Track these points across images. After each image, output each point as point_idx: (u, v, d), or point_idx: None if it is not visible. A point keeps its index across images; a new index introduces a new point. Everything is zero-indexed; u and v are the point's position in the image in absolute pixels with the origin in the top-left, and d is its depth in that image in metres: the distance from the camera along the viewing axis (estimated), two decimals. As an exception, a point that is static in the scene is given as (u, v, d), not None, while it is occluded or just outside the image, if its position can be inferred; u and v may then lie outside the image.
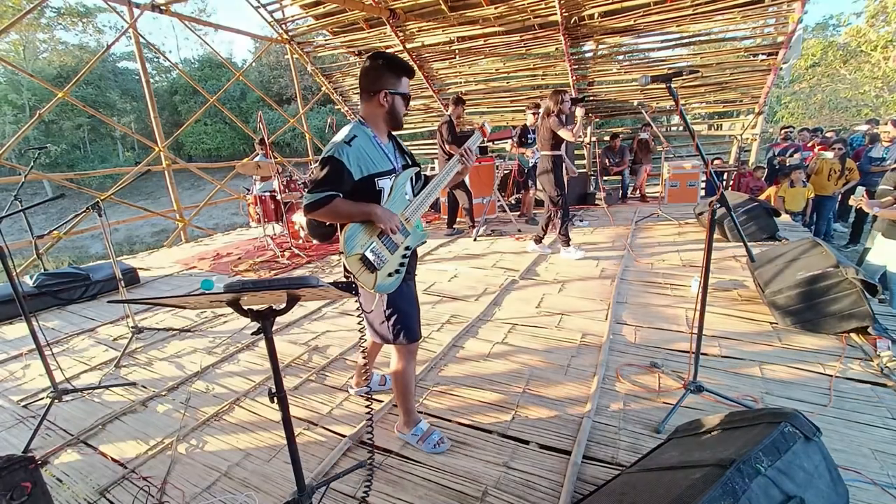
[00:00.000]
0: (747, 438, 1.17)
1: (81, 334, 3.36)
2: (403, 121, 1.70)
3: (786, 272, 2.81)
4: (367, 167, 1.58)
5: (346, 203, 1.54)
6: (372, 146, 1.62)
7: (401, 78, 1.63)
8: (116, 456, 1.96)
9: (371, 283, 1.58)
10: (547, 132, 4.13)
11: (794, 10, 5.79)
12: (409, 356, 1.82)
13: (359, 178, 1.56)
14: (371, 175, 1.58)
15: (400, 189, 1.66)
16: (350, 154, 1.54)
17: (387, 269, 1.61)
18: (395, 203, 1.65)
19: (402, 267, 1.66)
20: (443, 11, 7.19)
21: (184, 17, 7.19)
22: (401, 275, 1.66)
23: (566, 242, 4.39)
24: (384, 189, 1.62)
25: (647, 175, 7.60)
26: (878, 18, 15.02)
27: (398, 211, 1.64)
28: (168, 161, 6.70)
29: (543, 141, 4.21)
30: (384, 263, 1.60)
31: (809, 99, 19.01)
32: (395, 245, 1.63)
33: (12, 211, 2.64)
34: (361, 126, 1.64)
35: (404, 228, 1.65)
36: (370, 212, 1.55)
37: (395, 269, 1.64)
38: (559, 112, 4.01)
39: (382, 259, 1.60)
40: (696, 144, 1.98)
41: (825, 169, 6.18)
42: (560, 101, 3.99)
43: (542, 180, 4.36)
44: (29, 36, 25.15)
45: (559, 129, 3.99)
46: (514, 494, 1.62)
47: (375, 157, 1.61)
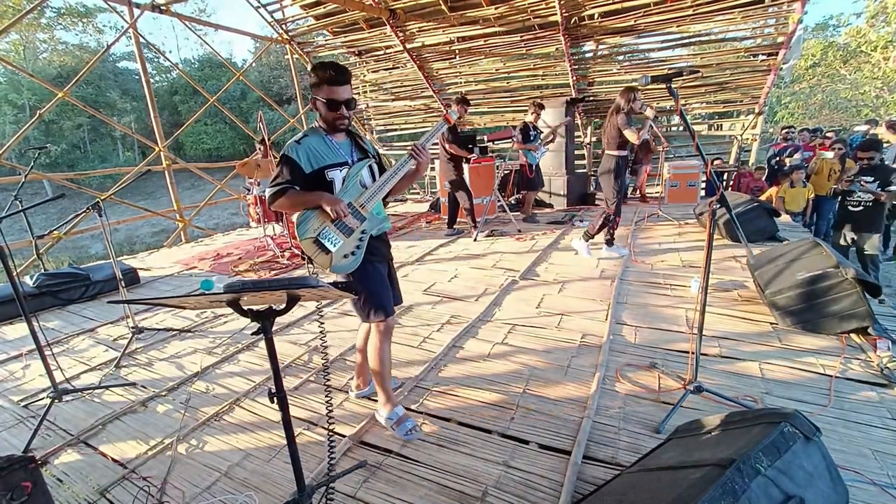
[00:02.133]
0: (747, 438, 1.17)
1: (81, 334, 3.36)
2: (338, 125, 1.83)
3: (786, 273, 2.81)
4: (317, 161, 1.80)
5: (298, 193, 1.76)
6: (323, 143, 1.83)
7: (321, 86, 1.75)
8: (116, 456, 1.96)
9: (327, 263, 1.78)
10: (613, 130, 3.92)
11: (795, 11, 5.80)
12: (383, 335, 1.96)
13: (310, 172, 1.78)
14: (321, 167, 1.80)
15: (353, 179, 1.84)
16: (300, 151, 1.78)
17: (342, 250, 1.79)
18: (349, 191, 1.83)
19: (359, 249, 1.83)
20: (443, 11, 7.19)
21: (184, 17, 7.19)
22: (357, 256, 1.82)
23: (609, 242, 4.32)
24: (335, 180, 1.82)
25: (647, 175, 7.60)
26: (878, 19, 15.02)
27: (352, 198, 1.82)
28: (168, 161, 6.70)
29: (609, 139, 4.00)
30: (338, 245, 1.77)
31: (809, 99, 19.00)
32: (349, 229, 1.80)
33: (12, 211, 2.64)
34: (316, 128, 1.87)
35: (359, 214, 1.82)
36: (317, 198, 1.74)
37: (352, 250, 1.81)
38: (629, 111, 3.81)
39: (335, 241, 1.77)
40: (696, 144, 1.98)
41: (825, 169, 6.17)
42: (631, 99, 3.77)
43: (602, 180, 4.20)
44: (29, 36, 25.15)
45: (625, 129, 3.80)
46: (514, 494, 1.62)
47: (325, 152, 1.82)
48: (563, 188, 7.17)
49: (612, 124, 3.91)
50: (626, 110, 3.80)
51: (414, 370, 2.52)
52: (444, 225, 6.09)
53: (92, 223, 3.31)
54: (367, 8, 6.97)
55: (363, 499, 1.64)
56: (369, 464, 1.80)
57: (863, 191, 4.27)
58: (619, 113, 3.84)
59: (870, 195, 4.26)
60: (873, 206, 4.33)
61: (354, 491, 1.68)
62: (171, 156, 6.79)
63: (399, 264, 4.59)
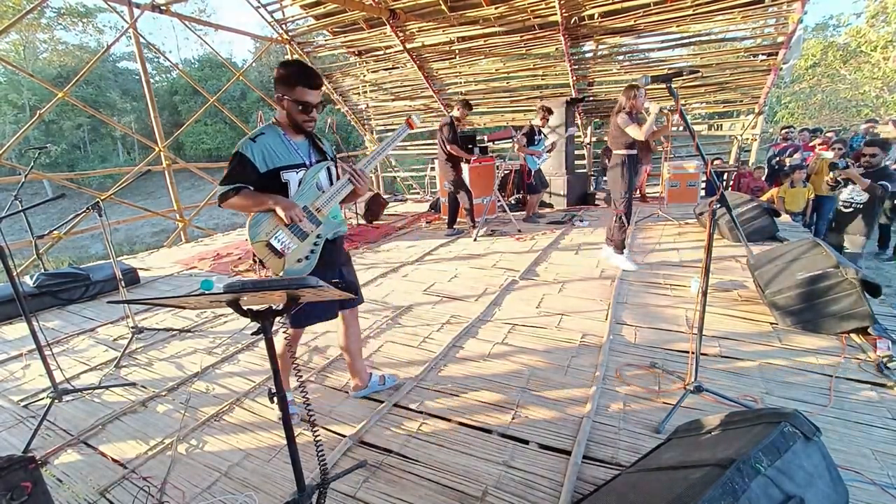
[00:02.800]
0: (747, 438, 1.17)
1: (81, 334, 3.36)
2: (305, 127, 1.79)
3: (786, 272, 2.81)
4: (273, 161, 1.74)
5: (251, 194, 1.71)
6: (280, 143, 1.77)
7: (294, 86, 1.70)
8: (116, 456, 1.96)
9: (279, 267, 1.75)
10: (616, 129, 3.85)
11: (794, 11, 5.80)
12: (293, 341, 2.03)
13: (264, 171, 1.73)
14: (276, 168, 1.74)
15: (310, 182, 1.80)
16: (254, 149, 1.71)
17: (295, 254, 1.76)
18: (305, 194, 1.79)
19: (313, 254, 1.80)
20: (443, 11, 7.19)
21: (184, 18, 7.19)
22: (311, 261, 1.80)
23: (619, 248, 4.09)
24: (290, 181, 1.77)
25: (647, 175, 7.60)
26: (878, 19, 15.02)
27: (308, 201, 1.78)
28: (168, 161, 6.70)
29: (613, 139, 3.93)
30: (292, 249, 1.75)
31: (809, 99, 19.01)
32: (304, 233, 1.76)
33: (12, 211, 2.64)
34: (273, 126, 1.80)
35: (315, 217, 1.78)
36: (271, 202, 1.70)
37: (306, 255, 1.79)
38: (631, 108, 3.74)
39: (289, 246, 1.74)
40: (696, 144, 1.99)
41: (825, 169, 6.17)
42: (633, 96, 3.71)
43: (610, 180, 4.12)
44: (29, 36, 25.16)
45: (628, 127, 3.70)
46: (515, 494, 1.62)
47: (281, 153, 1.77)
48: (563, 188, 7.17)
49: (614, 124, 3.87)
50: (628, 109, 3.75)
51: (414, 370, 2.52)
52: (444, 225, 6.09)
53: (92, 223, 3.31)
54: (367, 8, 6.97)
55: (363, 499, 1.64)
56: (369, 464, 1.80)
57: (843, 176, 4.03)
58: (620, 112, 3.81)
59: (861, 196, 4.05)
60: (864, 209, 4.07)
61: (354, 491, 1.68)
62: (171, 156, 6.79)
63: (399, 264, 4.60)
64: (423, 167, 11.30)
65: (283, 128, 1.81)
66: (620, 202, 3.97)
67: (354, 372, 2.26)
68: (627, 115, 3.75)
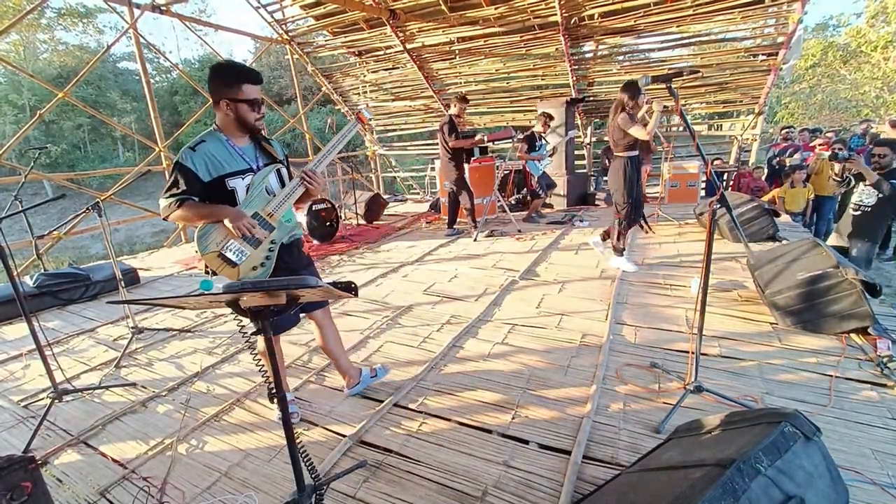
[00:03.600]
0: (747, 438, 1.17)
1: (81, 334, 3.36)
2: (258, 125, 1.74)
3: (786, 273, 2.81)
4: (216, 169, 1.67)
5: (196, 206, 1.64)
6: (223, 149, 1.70)
7: (239, 85, 1.65)
8: (116, 456, 1.96)
9: (234, 277, 1.69)
10: (617, 131, 3.66)
11: (795, 11, 5.80)
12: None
13: (208, 181, 1.66)
14: (221, 176, 1.67)
15: (259, 187, 1.74)
16: (195, 158, 1.64)
17: (250, 262, 1.71)
18: (255, 200, 1.72)
19: (269, 260, 1.75)
20: (443, 12, 7.20)
21: (184, 18, 7.19)
22: (266, 268, 1.74)
23: (620, 252, 3.97)
24: (237, 188, 1.71)
25: (647, 175, 7.60)
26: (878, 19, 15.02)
27: (258, 207, 1.72)
28: (168, 161, 6.70)
29: (615, 140, 3.74)
30: (245, 257, 1.69)
31: (809, 99, 18.99)
32: (257, 240, 1.70)
33: (13, 211, 2.64)
34: (214, 132, 1.73)
35: (267, 223, 1.72)
36: (219, 213, 1.63)
37: (261, 262, 1.73)
38: (634, 107, 3.56)
39: (242, 254, 1.68)
40: (696, 144, 1.99)
41: (825, 169, 6.17)
42: (635, 94, 3.51)
43: (611, 183, 3.94)
44: (29, 36, 25.16)
45: (630, 128, 3.52)
46: (514, 494, 1.62)
47: (225, 160, 1.70)
48: (563, 188, 7.17)
49: (615, 125, 3.66)
50: (631, 107, 3.55)
51: (414, 370, 2.52)
52: (444, 225, 6.10)
53: (92, 223, 3.31)
54: (367, 8, 6.98)
55: (363, 499, 1.64)
56: (369, 463, 1.80)
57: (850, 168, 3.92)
58: (621, 111, 3.60)
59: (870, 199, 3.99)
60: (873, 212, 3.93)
61: (354, 491, 1.68)
62: (171, 156, 6.79)
63: (399, 264, 4.60)
64: (423, 167, 11.31)
65: (226, 133, 1.73)
66: (622, 207, 3.82)
67: (343, 371, 2.25)
68: (628, 115, 3.57)
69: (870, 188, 3.92)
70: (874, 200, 3.91)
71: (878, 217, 3.96)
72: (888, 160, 3.84)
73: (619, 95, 3.62)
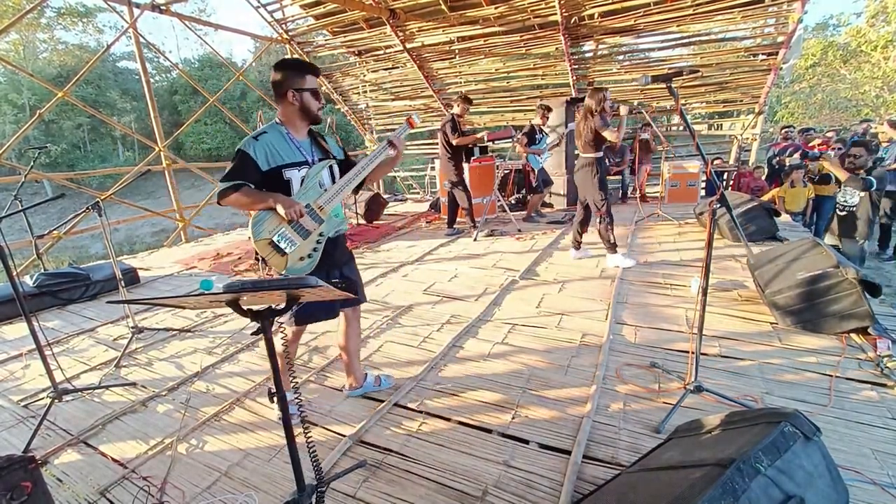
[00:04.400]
0: (747, 438, 1.17)
1: (81, 334, 3.36)
2: (320, 115, 1.85)
3: (786, 272, 2.81)
4: (275, 159, 1.75)
5: (251, 192, 1.71)
6: (283, 141, 1.79)
7: (304, 76, 1.76)
8: (116, 456, 1.96)
9: (282, 265, 1.75)
10: (590, 133, 3.86)
11: (795, 10, 5.80)
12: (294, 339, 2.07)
13: (266, 169, 1.73)
14: (278, 166, 1.75)
15: (313, 179, 1.81)
16: (256, 147, 1.72)
17: (298, 252, 1.76)
18: (308, 192, 1.79)
19: (316, 252, 1.80)
20: (443, 11, 7.19)
21: (184, 17, 7.19)
22: (313, 259, 1.80)
23: (613, 248, 4.10)
24: (292, 179, 1.78)
25: (647, 175, 7.60)
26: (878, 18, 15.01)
27: (310, 199, 1.78)
28: (168, 161, 6.70)
29: (585, 143, 3.95)
30: (294, 247, 1.75)
31: (809, 99, 18.99)
32: (306, 231, 1.77)
33: (12, 211, 2.64)
34: (276, 125, 1.82)
35: (317, 216, 1.79)
36: (271, 199, 1.69)
37: (308, 253, 1.79)
38: (602, 111, 3.78)
39: (292, 243, 1.74)
40: (696, 144, 1.99)
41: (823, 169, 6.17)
42: (602, 99, 3.75)
43: (583, 184, 4.12)
44: (29, 36, 25.15)
45: (604, 130, 3.76)
46: (515, 494, 1.62)
47: (284, 151, 1.78)
48: (563, 188, 7.17)
49: (588, 127, 3.86)
50: (599, 111, 3.78)
51: (414, 370, 2.52)
52: (444, 225, 6.09)
53: (92, 223, 3.31)
54: (367, 8, 6.97)
55: (363, 498, 1.64)
56: (369, 463, 1.80)
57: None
58: (592, 115, 3.81)
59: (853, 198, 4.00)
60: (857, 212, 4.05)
61: (354, 491, 1.68)
62: (171, 155, 6.79)
63: (399, 264, 4.60)
64: (423, 167, 11.30)
65: (288, 125, 1.82)
66: (601, 204, 4.01)
67: (350, 371, 2.27)
68: (602, 119, 3.77)
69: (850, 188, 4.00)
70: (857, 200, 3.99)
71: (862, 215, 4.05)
72: (863, 160, 3.95)
73: (587, 102, 3.86)
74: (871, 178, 3.82)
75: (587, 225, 4.36)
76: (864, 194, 3.94)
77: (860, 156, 3.95)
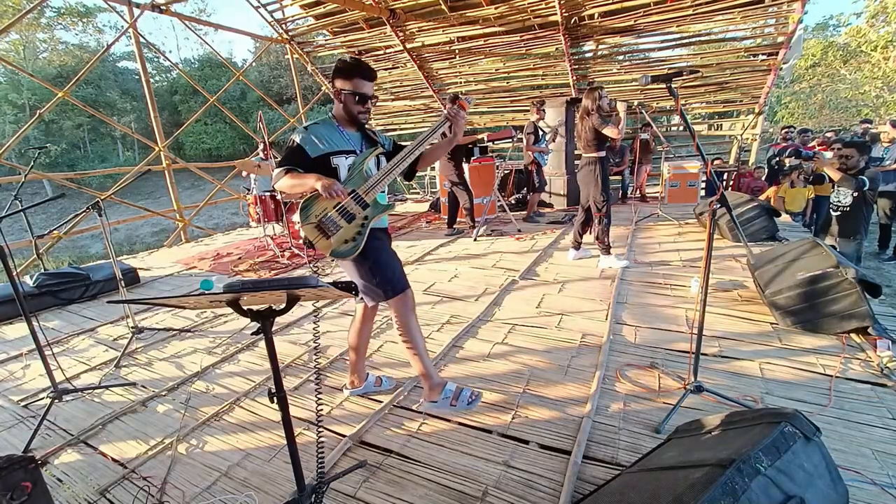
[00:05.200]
0: (747, 438, 1.17)
1: (81, 334, 3.36)
2: (360, 118, 1.91)
3: (786, 272, 2.81)
4: (323, 147, 1.85)
5: (297, 174, 1.80)
6: (333, 131, 1.90)
7: (350, 79, 1.84)
8: (116, 456, 1.96)
9: (327, 248, 1.82)
10: (589, 132, 3.85)
11: (795, 11, 5.80)
12: (405, 308, 2.01)
13: (315, 156, 1.83)
14: (326, 153, 1.85)
15: (358, 167, 1.89)
16: (306, 136, 1.84)
17: (342, 236, 1.82)
18: (354, 179, 1.87)
19: (360, 236, 1.85)
20: (443, 11, 7.19)
21: (184, 17, 7.19)
22: (357, 243, 1.84)
23: (607, 250, 4.10)
24: (340, 166, 1.87)
25: (647, 175, 7.60)
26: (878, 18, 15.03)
27: (356, 186, 1.85)
28: (168, 161, 6.70)
29: (586, 142, 3.92)
30: (338, 231, 1.81)
31: (809, 99, 19.01)
32: (351, 215, 1.83)
33: (12, 211, 2.64)
34: (329, 119, 1.94)
35: (363, 201, 1.84)
36: (311, 178, 1.76)
37: (352, 236, 1.84)
38: (598, 109, 3.76)
39: (337, 227, 1.81)
40: (696, 144, 1.98)
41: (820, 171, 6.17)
42: (598, 97, 3.75)
43: (585, 184, 4.07)
44: (29, 36, 25.14)
45: (604, 128, 3.74)
46: (515, 494, 1.62)
47: (333, 140, 1.88)
48: (563, 188, 7.17)
49: (587, 127, 3.86)
50: (595, 109, 3.77)
51: (414, 370, 2.52)
52: (444, 225, 6.09)
53: (92, 223, 3.31)
54: (367, 8, 6.97)
55: (363, 499, 1.64)
56: (369, 464, 1.80)
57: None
58: (590, 115, 3.81)
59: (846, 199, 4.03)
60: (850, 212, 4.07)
61: (354, 491, 1.68)
62: (170, 155, 6.79)
63: (399, 264, 4.59)
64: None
65: (339, 121, 1.93)
66: (601, 204, 3.98)
67: (354, 370, 2.27)
68: (600, 117, 3.77)
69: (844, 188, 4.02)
70: (850, 200, 4.02)
71: (856, 215, 4.09)
72: (855, 161, 3.97)
73: (584, 101, 3.86)
74: (863, 178, 3.85)
75: (588, 226, 4.34)
76: (856, 194, 3.97)
77: (852, 156, 3.96)
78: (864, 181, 3.84)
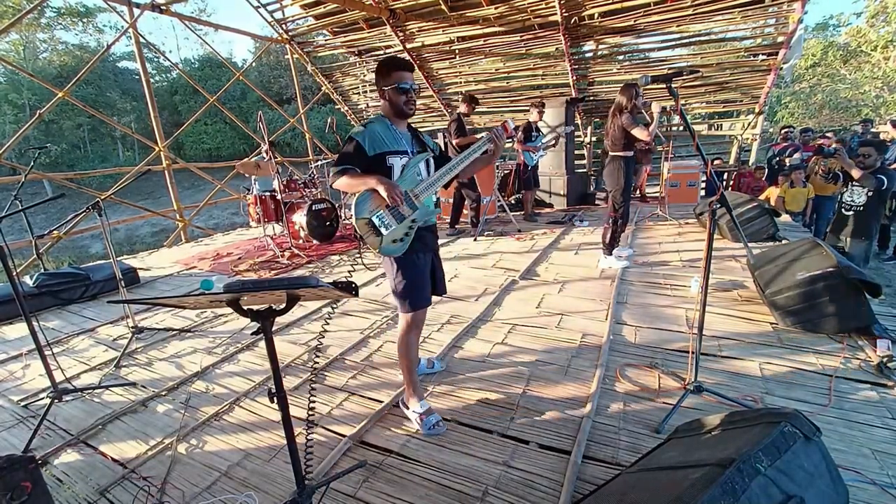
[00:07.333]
0: (747, 438, 1.17)
1: (81, 334, 3.36)
2: (407, 109, 1.93)
3: (786, 272, 2.81)
4: (380, 146, 1.89)
5: (357, 174, 1.84)
6: (387, 131, 1.93)
7: (390, 73, 1.87)
8: (116, 456, 1.96)
9: (377, 245, 1.86)
10: (618, 131, 3.70)
11: (795, 10, 5.79)
12: (410, 326, 2.02)
13: (372, 155, 1.87)
14: (382, 153, 1.89)
15: (412, 169, 1.93)
16: (364, 135, 1.88)
17: (392, 235, 1.86)
18: (406, 180, 1.91)
19: (407, 237, 1.90)
20: (443, 11, 7.19)
21: (184, 17, 7.19)
22: (405, 243, 1.89)
23: (609, 250, 4.04)
24: (394, 166, 1.91)
25: (647, 175, 7.60)
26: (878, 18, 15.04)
27: (408, 187, 1.89)
28: (168, 161, 6.70)
29: (613, 140, 3.79)
30: (389, 230, 1.85)
31: (809, 99, 19.00)
32: (401, 216, 1.87)
33: (12, 211, 2.64)
34: (381, 117, 1.98)
35: (412, 202, 1.89)
36: (374, 180, 1.79)
37: (401, 237, 1.88)
38: (633, 109, 3.62)
39: (388, 225, 1.85)
40: (696, 144, 1.98)
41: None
42: (633, 95, 3.57)
43: (609, 183, 3.95)
44: (29, 36, 25.14)
45: (633, 129, 3.59)
46: (515, 494, 1.62)
47: (388, 139, 1.91)
48: (563, 188, 7.17)
49: (617, 125, 3.72)
50: (630, 108, 3.62)
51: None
52: (445, 225, 6.09)
53: (92, 223, 3.31)
54: (367, 8, 6.97)
55: (363, 499, 1.64)
56: (369, 464, 1.80)
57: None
58: (622, 113, 3.67)
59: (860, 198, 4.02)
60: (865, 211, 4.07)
61: (354, 491, 1.68)
62: (171, 155, 6.78)
63: (399, 264, 4.59)
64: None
65: (389, 118, 1.97)
66: (620, 205, 3.89)
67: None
68: (631, 116, 3.63)
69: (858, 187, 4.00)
70: (864, 199, 4.00)
71: (870, 214, 4.07)
72: (872, 160, 3.94)
73: (618, 98, 3.72)
74: (882, 178, 3.83)
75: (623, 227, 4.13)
76: (871, 193, 3.95)
77: (870, 155, 3.91)
78: (884, 180, 3.83)
